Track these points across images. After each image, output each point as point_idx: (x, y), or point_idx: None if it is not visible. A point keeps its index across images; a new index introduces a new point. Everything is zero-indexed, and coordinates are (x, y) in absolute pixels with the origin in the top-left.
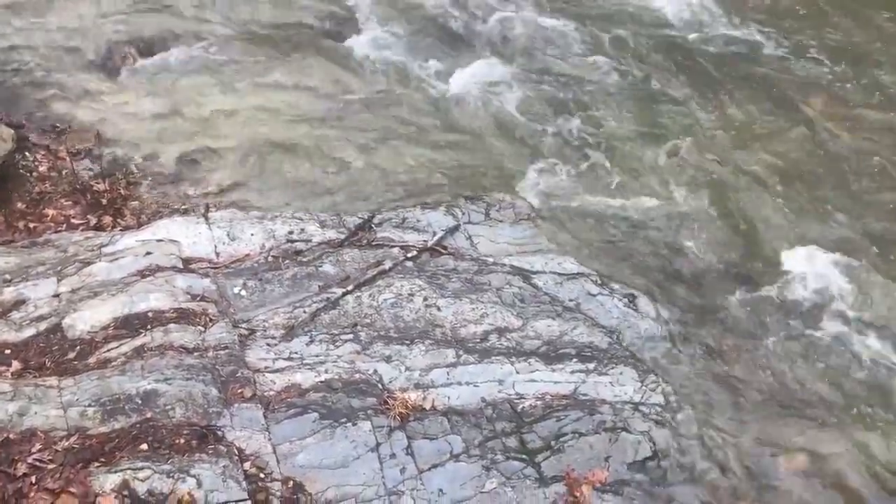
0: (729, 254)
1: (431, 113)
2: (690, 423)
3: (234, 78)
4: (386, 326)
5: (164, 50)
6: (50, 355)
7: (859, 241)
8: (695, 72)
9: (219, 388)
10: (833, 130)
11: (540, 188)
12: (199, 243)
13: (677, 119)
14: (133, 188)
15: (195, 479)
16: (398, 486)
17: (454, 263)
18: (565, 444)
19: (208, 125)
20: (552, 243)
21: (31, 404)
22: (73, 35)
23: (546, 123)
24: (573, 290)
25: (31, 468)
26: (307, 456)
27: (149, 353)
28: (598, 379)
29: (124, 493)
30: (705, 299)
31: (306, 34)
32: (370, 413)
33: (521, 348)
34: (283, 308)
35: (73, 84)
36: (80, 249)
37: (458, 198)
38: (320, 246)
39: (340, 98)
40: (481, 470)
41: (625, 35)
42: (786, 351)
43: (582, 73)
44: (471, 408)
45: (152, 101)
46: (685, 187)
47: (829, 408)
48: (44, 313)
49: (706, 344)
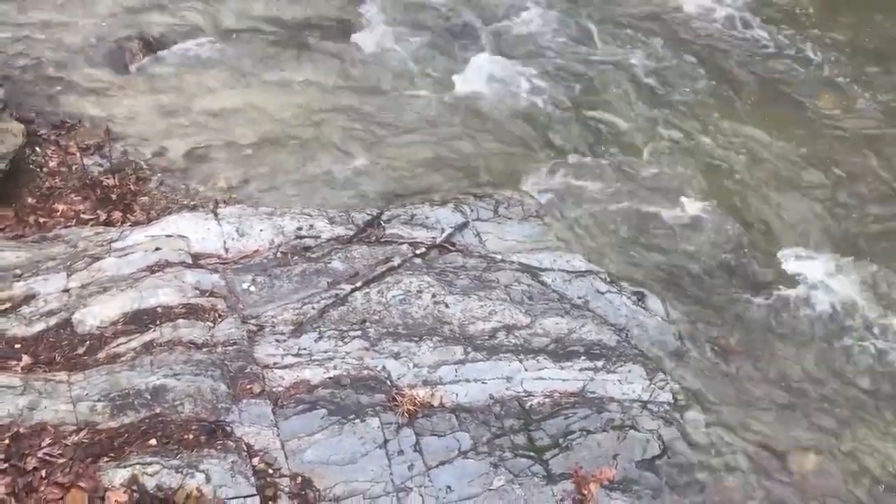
0: (737, 253)
1: (440, 110)
2: (699, 421)
3: (242, 74)
4: (394, 323)
5: (173, 46)
6: (60, 350)
7: (868, 241)
8: (705, 70)
9: (227, 384)
10: (842, 130)
11: (548, 186)
12: (209, 239)
13: (686, 118)
14: (142, 184)
15: (204, 474)
16: (406, 483)
17: (463, 260)
18: (573, 441)
19: (217, 121)
20: (560, 241)
21: (41, 399)
22: (83, 31)
23: (555, 121)
24: (582, 288)
25: (41, 462)
26: (315, 452)
27: (158, 348)
28: (606, 377)
29: (133, 488)
30: (714, 298)
31: (315, 31)
32: (378, 409)
33: (530, 346)
34: (292, 304)
35: (82, 80)
36: (89, 245)
37: (467, 195)
38: (329, 242)
39: (349, 95)
40: (489, 467)
41: (634, 33)
42: (795, 350)
43: (591, 71)
44: (479, 405)
45: (161, 97)
46: (694, 186)
47: (838, 407)
48: (54, 308)
49: (715, 342)
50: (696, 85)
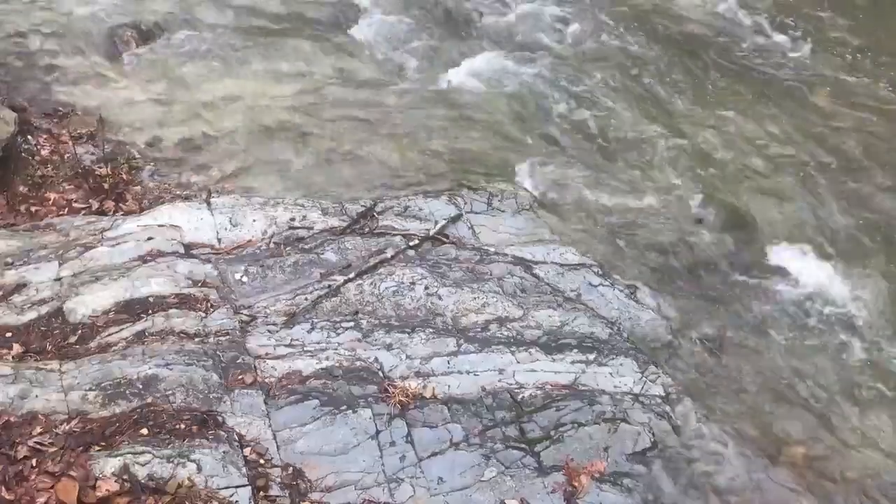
0: (731, 247)
1: (434, 102)
2: (690, 415)
3: (236, 64)
4: (387, 314)
5: (167, 35)
6: (51, 339)
7: (863, 238)
8: (701, 66)
9: (219, 374)
10: (838, 126)
11: (542, 179)
12: (201, 229)
13: (681, 112)
14: (135, 173)
15: (195, 464)
16: (398, 474)
17: (456, 252)
18: (565, 434)
19: (210, 111)
20: (554, 234)
21: (32, 388)
22: (77, 20)
23: (550, 115)
24: (574, 281)
25: (32, 451)
26: (307, 442)
27: (150, 338)
28: (598, 370)
29: (124, 477)
30: (706, 292)
31: (309, 22)
32: (370, 401)
33: (522, 338)
34: (285, 295)
35: (75, 68)
36: (81, 234)
37: (461, 187)
38: (322, 233)
39: (343, 86)
40: (481, 458)
41: (631, 27)
42: (786, 345)
43: (587, 66)
44: (471, 397)
45: (155, 86)
46: (688, 180)
47: (828, 403)
48: (45, 297)
49: (706, 337)
50: (691, 80)
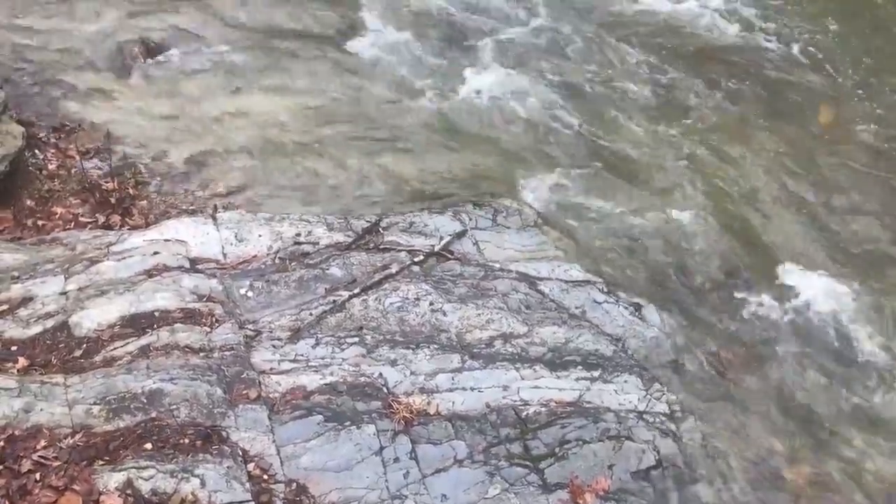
0: (735, 265)
1: (439, 118)
2: (695, 432)
3: (242, 80)
4: (392, 330)
5: (174, 51)
6: (56, 353)
7: (865, 257)
8: (704, 80)
9: (224, 389)
10: (841, 141)
11: (547, 195)
12: (207, 244)
13: (685, 131)
14: (141, 188)
15: (199, 479)
16: (401, 491)
17: (460, 269)
18: (569, 451)
19: (217, 126)
20: (559, 250)
21: (36, 401)
22: (84, 35)
23: (554, 130)
24: (579, 298)
25: (36, 465)
26: (311, 458)
27: (155, 352)
28: (602, 387)
29: (128, 492)
30: (711, 310)
31: (315, 38)
32: (375, 417)
33: (527, 355)
34: (290, 310)
35: (82, 83)
36: (88, 248)
37: (466, 203)
38: (327, 248)
39: (348, 102)
40: (485, 476)
41: (635, 41)
42: (791, 362)
43: (591, 81)
44: (475, 413)
45: (161, 101)
46: (692, 197)
47: (832, 420)
48: (51, 311)
49: (711, 354)
50: (696, 98)
